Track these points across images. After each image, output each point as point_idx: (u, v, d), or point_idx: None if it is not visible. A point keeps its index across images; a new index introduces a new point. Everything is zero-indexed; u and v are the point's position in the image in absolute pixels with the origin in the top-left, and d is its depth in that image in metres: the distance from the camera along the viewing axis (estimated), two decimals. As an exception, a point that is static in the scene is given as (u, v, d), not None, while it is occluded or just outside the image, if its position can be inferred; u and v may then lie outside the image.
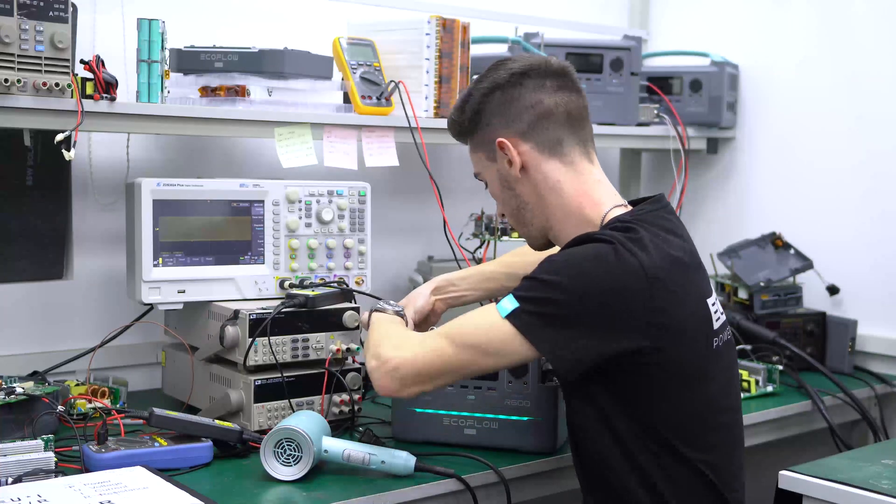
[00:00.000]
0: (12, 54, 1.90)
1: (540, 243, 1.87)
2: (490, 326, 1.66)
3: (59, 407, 1.97)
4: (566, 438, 2.04)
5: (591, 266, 1.62)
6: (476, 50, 2.65)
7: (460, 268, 2.53)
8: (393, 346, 1.73)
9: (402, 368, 1.69)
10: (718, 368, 1.74)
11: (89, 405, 2.11)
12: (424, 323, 2.07)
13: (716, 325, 1.72)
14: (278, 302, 2.11)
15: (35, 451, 1.73)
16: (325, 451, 1.83)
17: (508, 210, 1.86)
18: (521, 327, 1.63)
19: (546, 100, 1.78)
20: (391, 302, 1.96)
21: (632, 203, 1.81)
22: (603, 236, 1.65)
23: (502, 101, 1.79)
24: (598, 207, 1.76)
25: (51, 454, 1.74)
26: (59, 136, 1.95)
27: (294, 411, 2.05)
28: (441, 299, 2.09)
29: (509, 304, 1.64)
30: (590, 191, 1.78)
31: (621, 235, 1.64)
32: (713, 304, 1.74)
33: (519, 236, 2.65)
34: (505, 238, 2.66)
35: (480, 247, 2.66)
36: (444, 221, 2.44)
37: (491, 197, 1.90)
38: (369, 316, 1.93)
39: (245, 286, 2.21)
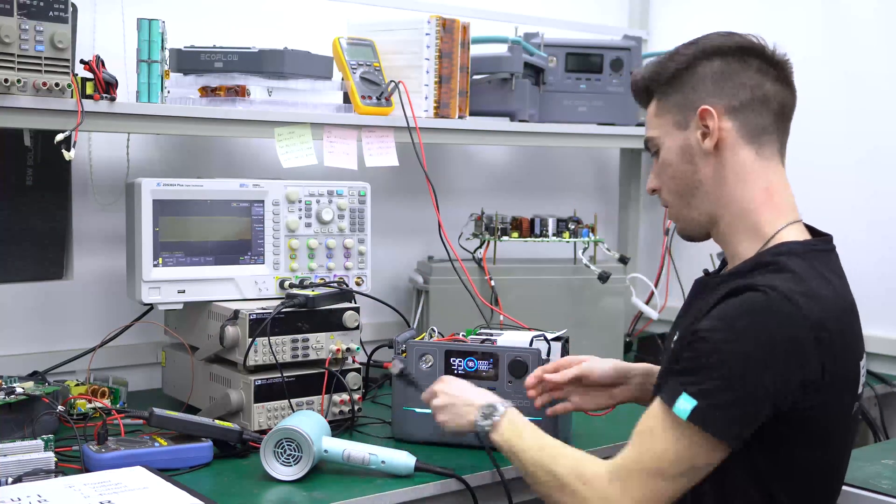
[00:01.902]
0: (12, 54, 1.90)
1: (697, 233, 1.69)
2: (679, 444, 1.48)
3: (59, 407, 1.97)
4: (566, 438, 2.05)
5: (755, 327, 1.46)
6: (476, 50, 2.65)
7: (456, 269, 2.54)
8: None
9: None
10: (850, 436, 1.64)
11: (89, 405, 2.11)
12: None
13: (860, 389, 1.60)
14: (278, 302, 2.11)
15: (35, 451, 1.73)
16: (325, 451, 1.83)
17: (675, 186, 1.66)
18: (710, 428, 1.46)
19: (767, 86, 1.62)
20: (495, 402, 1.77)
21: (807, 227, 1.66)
22: (759, 285, 1.49)
23: (722, 70, 1.62)
24: (775, 218, 1.61)
25: (51, 454, 1.74)
26: (59, 136, 1.95)
27: (294, 411, 2.05)
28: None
29: (686, 403, 1.47)
30: (774, 193, 1.62)
31: (782, 281, 1.49)
32: (863, 367, 1.61)
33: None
34: (505, 238, 2.66)
35: (480, 247, 2.67)
36: (440, 224, 2.44)
37: (656, 170, 1.72)
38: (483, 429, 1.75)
39: (245, 286, 2.21)
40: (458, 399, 1.82)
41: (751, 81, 1.61)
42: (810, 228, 1.67)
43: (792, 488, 1.55)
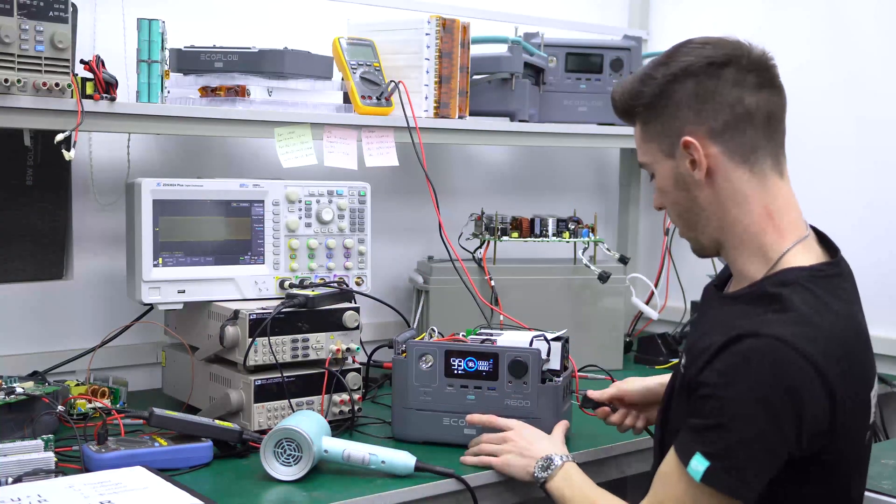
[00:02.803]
0: (12, 54, 1.90)
1: (708, 252, 1.66)
2: (694, 501, 1.47)
3: (59, 407, 1.97)
4: (566, 438, 2.05)
5: (760, 382, 1.42)
6: (476, 50, 2.65)
7: (457, 269, 2.54)
8: None
9: None
10: (864, 461, 1.64)
11: (89, 405, 2.11)
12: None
13: (871, 418, 1.58)
14: (278, 302, 2.11)
15: (35, 451, 1.73)
16: (325, 451, 1.83)
17: (677, 210, 1.63)
18: (723, 489, 1.45)
19: (747, 99, 1.54)
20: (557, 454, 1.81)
21: (817, 234, 1.63)
22: (761, 333, 1.44)
23: (696, 92, 1.54)
24: (779, 239, 1.55)
25: (51, 454, 1.74)
26: (59, 136, 1.95)
27: (294, 411, 2.05)
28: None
29: (699, 464, 1.45)
30: (775, 213, 1.56)
31: (783, 325, 1.44)
32: (874, 396, 1.59)
33: (511, 237, 2.66)
34: (505, 238, 2.66)
35: (480, 247, 2.67)
36: (440, 224, 2.44)
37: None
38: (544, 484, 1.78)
39: (245, 286, 2.21)
40: (524, 450, 1.85)
41: (729, 99, 1.54)
42: (821, 237, 1.63)
43: None
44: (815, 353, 1.42)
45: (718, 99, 1.54)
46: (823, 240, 1.63)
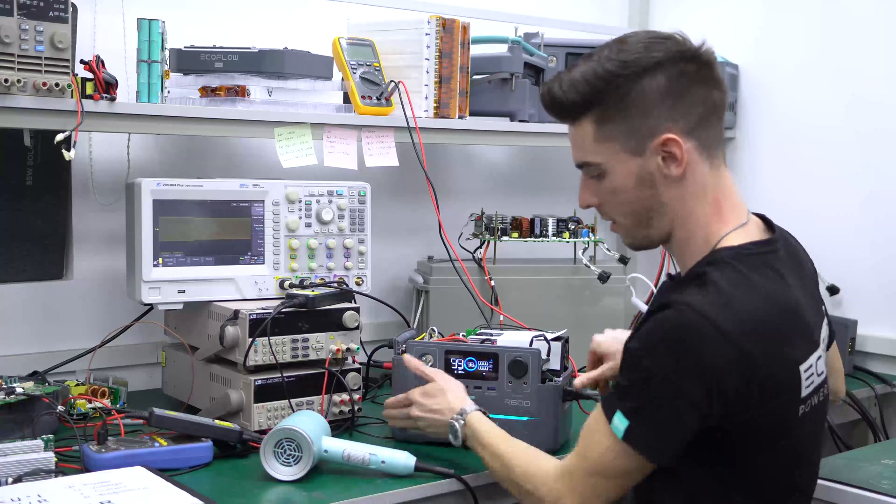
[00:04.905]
0: (12, 54, 1.90)
1: (649, 246, 1.68)
2: (615, 456, 1.54)
3: (59, 407, 1.97)
4: (567, 439, 2.05)
5: (672, 348, 1.48)
6: (476, 50, 2.65)
7: (456, 269, 2.54)
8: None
9: None
10: (805, 443, 1.63)
11: (89, 405, 2.11)
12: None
13: (804, 392, 1.56)
14: (278, 302, 2.11)
15: (35, 451, 1.73)
16: (325, 450, 1.83)
17: (631, 208, 1.61)
18: (641, 447, 1.52)
19: (714, 93, 1.56)
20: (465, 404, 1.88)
21: (760, 217, 1.65)
22: (677, 302, 1.49)
23: (669, 89, 1.52)
24: (720, 227, 1.59)
25: (51, 454, 1.74)
26: (59, 136, 1.95)
27: (294, 411, 2.05)
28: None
29: (620, 422, 1.52)
30: (721, 202, 1.59)
31: (700, 297, 1.48)
32: (807, 370, 1.56)
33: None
34: (505, 238, 2.66)
35: (480, 247, 2.67)
36: (440, 224, 2.44)
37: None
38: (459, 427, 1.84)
39: (245, 286, 2.21)
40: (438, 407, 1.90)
41: (701, 94, 1.55)
42: (767, 223, 1.66)
43: (748, 489, 1.58)
44: (729, 323, 1.46)
45: (692, 96, 1.54)
46: (771, 226, 1.66)
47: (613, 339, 1.96)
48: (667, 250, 1.68)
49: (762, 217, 1.67)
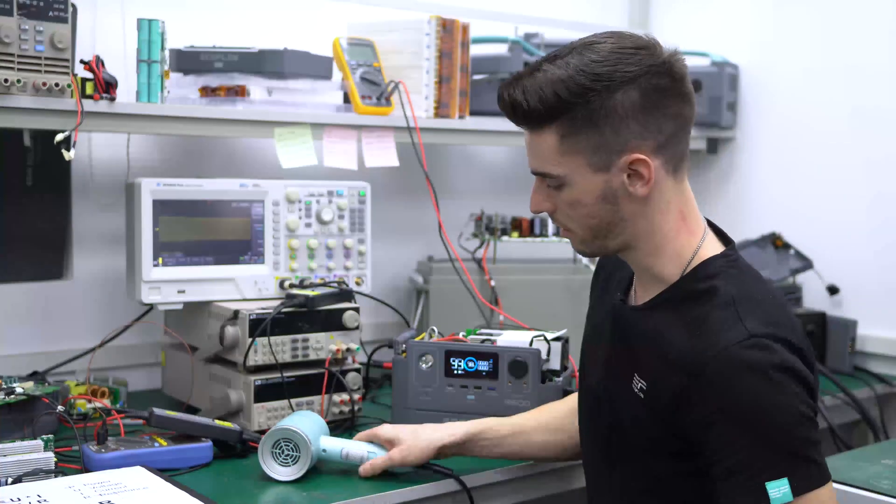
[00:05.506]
0: (12, 54, 1.90)
1: (607, 255, 1.64)
2: None
3: (59, 407, 1.97)
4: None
5: (784, 389, 1.39)
6: (476, 50, 2.65)
7: (456, 269, 2.54)
8: None
9: None
10: None
11: (89, 405, 2.11)
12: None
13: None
14: (278, 302, 2.11)
15: (35, 451, 1.73)
16: (324, 450, 1.83)
17: (589, 223, 1.52)
18: (817, 482, 1.39)
19: (686, 108, 1.49)
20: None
21: (709, 224, 1.59)
22: (750, 338, 1.41)
23: (642, 105, 1.44)
24: (691, 238, 1.53)
25: (51, 454, 1.74)
26: (59, 136, 1.96)
27: (294, 411, 2.05)
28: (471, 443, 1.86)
29: (777, 489, 1.36)
30: (688, 214, 1.53)
31: (753, 322, 1.42)
32: None
33: (523, 234, 2.66)
34: (505, 238, 2.66)
35: (480, 247, 2.67)
36: (440, 224, 2.44)
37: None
38: None
39: (245, 286, 2.21)
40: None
41: (671, 110, 1.47)
42: (714, 228, 1.60)
43: None
44: (788, 335, 1.43)
45: (664, 109, 1.46)
46: (718, 231, 1.61)
47: (404, 429, 1.86)
48: (623, 258, 1.59)
49: (709, 222, 1.61)
